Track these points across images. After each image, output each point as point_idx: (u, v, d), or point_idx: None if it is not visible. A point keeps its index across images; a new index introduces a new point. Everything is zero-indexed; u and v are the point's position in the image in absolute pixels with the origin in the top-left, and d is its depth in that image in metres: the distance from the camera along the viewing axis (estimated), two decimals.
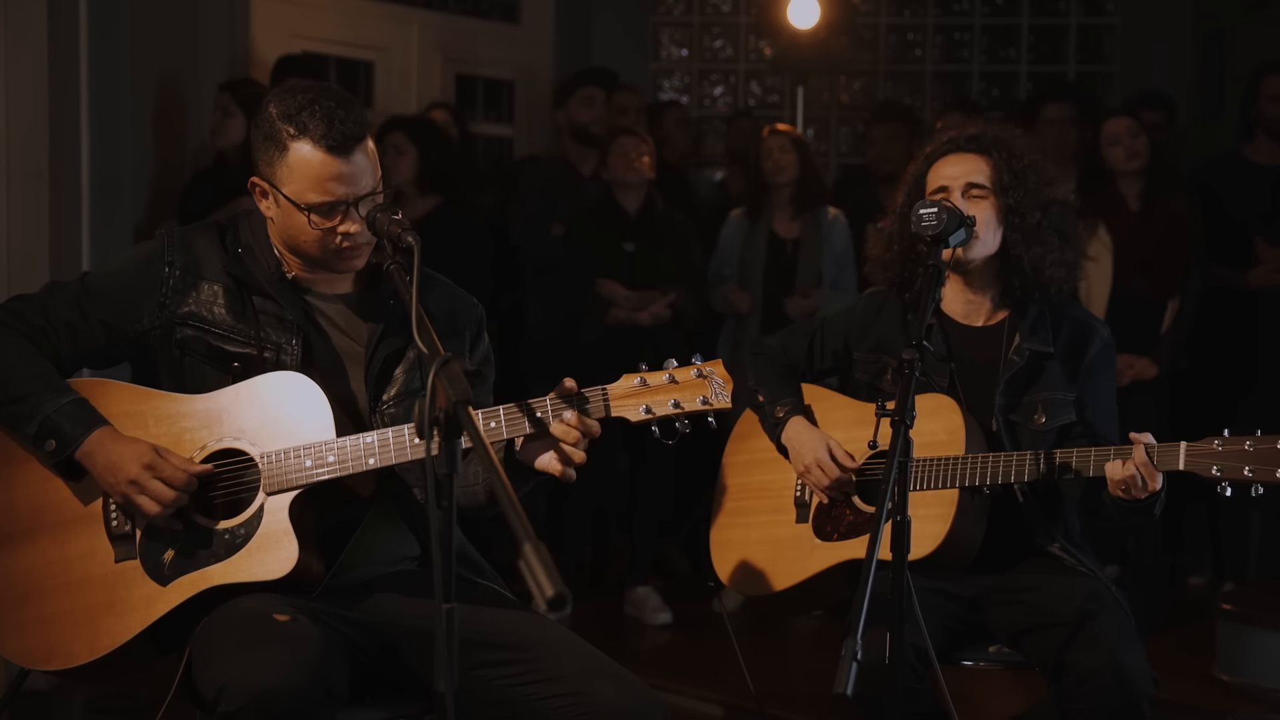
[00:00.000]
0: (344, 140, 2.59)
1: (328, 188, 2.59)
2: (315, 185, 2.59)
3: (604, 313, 5.47)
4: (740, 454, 3.49)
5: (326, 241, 2.63)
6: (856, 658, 2.29)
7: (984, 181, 3.18)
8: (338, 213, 2.61)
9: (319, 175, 2.59)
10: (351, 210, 2.61)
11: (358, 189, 2.61)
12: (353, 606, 2.65)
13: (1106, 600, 3.03)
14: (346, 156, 2.59)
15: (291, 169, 2.60)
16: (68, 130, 4.98)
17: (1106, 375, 3.26)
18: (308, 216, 2.60)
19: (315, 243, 2.64)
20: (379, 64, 6.99)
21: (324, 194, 2.59)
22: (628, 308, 5.48)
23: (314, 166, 2.59)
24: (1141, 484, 2.85)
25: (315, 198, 2.60)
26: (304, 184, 2.60)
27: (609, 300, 5.47)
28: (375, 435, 2.57)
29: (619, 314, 5.48)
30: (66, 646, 2.59)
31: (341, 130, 2.58)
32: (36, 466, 2.64)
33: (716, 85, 8.30)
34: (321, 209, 2.60)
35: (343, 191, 2.60)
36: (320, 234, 2.62)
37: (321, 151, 2.58)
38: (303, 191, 2.60)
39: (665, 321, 5.50)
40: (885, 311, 3.34)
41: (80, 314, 2.69)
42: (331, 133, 2.58)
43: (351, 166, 2.60)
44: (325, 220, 2.61)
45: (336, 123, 2.58)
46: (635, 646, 5.19)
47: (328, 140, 2.58)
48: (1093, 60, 7.98)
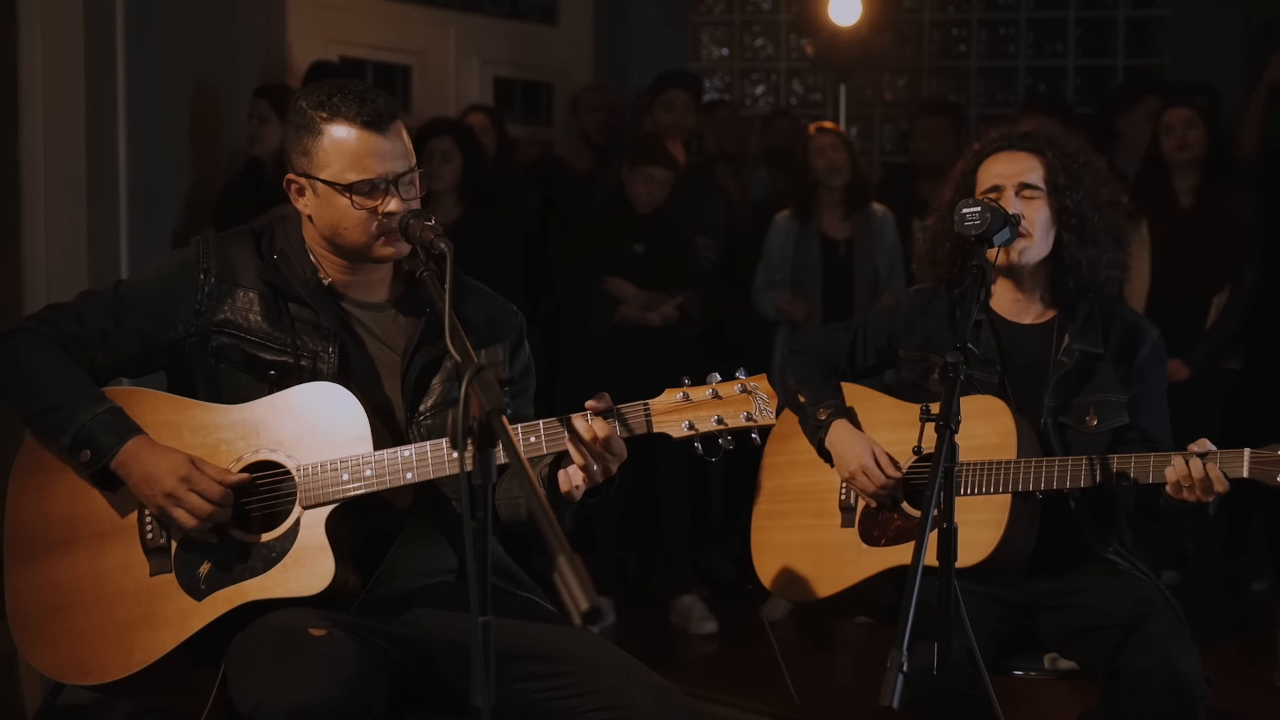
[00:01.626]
0: (378, 116, 2.60)
1: (367, 165, 2.60)
2: (354, 163, 2.60)
3: (612, 311, 5.45)
4: (780, 455, 3.45)
5: (369, 224, 2.62)
6: (902, 670, 2.26)
7: (1038, 182, 3.14)
8: (379, 192, 2.61)
9: (357, 152, 2.59)
10: (391, 189, 2.61)
11: (395, 167, 2.62)
12: (390, 620, 2.63)
13: (1158, 603, 2.99)
14: (383, 132, 2.61)
15: (328, 152, 2.61)
16: (105, 139, 5.02)
17: (1158, 377, 3.21)
18: (350, 198, 2.60)
19: (359, 226, 2.63)
20: (416, 68, 7.00)
21: (363, 171, 2.60)
22: (637, 307, 5.46)
23: (351, 144, 2.59)
24: (1206, 488, 2.80)
25: (355, 176, 2.60)
26: (343, 164, 2.60)
27: (617, 299, 5.46)
28: (414, 449, 2.56)
29: (628, 313, 5.46)
30: (100, 661, 2.59)
31: (375, 108, 2.61)
32: (72, 477, 2.65)
33: (758, 84, 8.27)
34: (362, 187, 2.60)
35: (382, 168, 2.60)
36: (364, 216, 2.61)
37: (358, 128, 2.60)
38: (342, 172, 2.60)
39: (673, 322, 5.48)
40: (932, 308, 3.30)
41: (114, 322, 2.69)
42: (365, 110, 2.60)
43: (388, 143, 2.61)
44: (367, 200, 2.61)
45: (369, 101, 2.61)
46: (681, 656, 5.17)
47: (363, 116, 2.60)
48: (1142, 54, 7.88)
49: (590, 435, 2.48)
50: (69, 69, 4.89)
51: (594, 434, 2.48)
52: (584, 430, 2.49)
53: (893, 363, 3.37)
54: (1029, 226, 3.10)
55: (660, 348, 5.43)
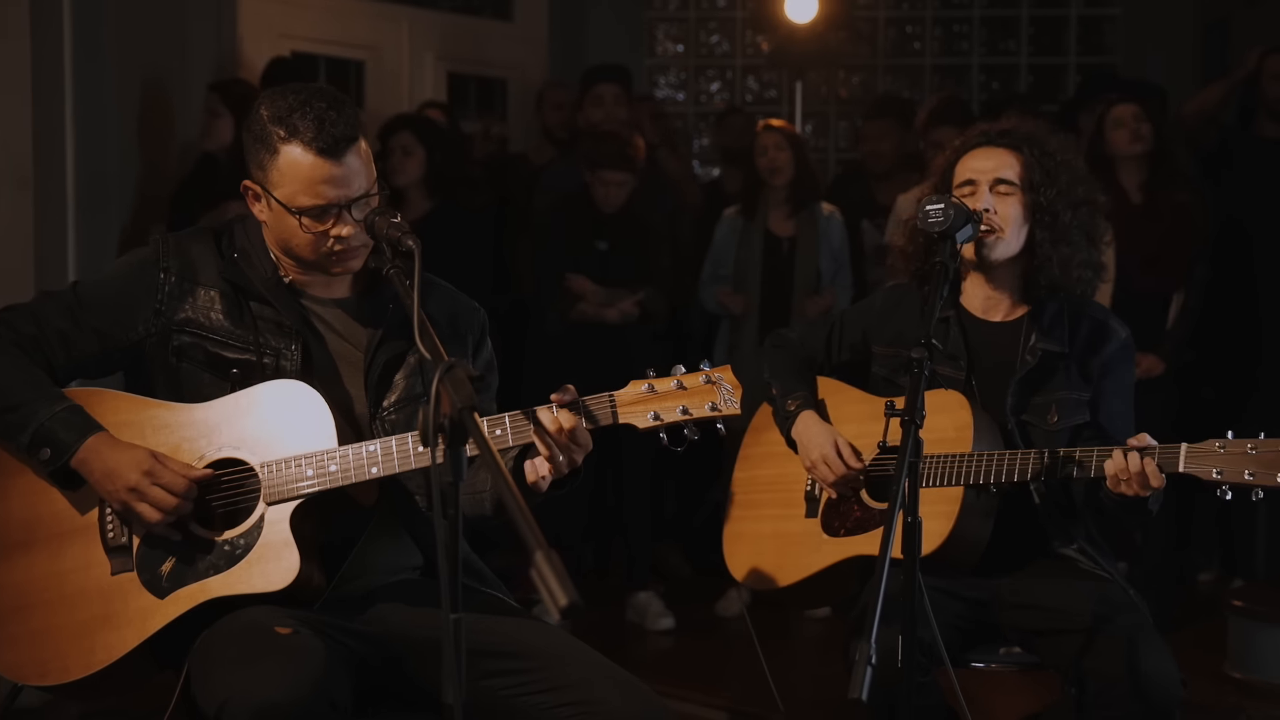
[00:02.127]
0: (335, 142, 2.57)
1: (319, 191, 2.58)
2: (306, 188, 2.58)
3: (570, 307, 5.46)
4: (755, 446, 3.50)
5: (319, 245, 2.62)
6: (871, 662, 2.28)
7: (1013, 178, 3.16)
8: (330, 216, 2.60)
9: (310, 178, 2.58)
10: (344, 213, 2.60)
11: (350, 191, 2.60)
12: (355, 618, 2.63)
13: (1123, 603, 3.02)
14: (338, 159, 2.58)
15: (283, 172, 2.59)
16: (52, 136, 4.97)
17: (1122, 376, 3.23)
18: (299, 220, 2.59)
19: (308, 246, 2.63)
20: (370, 64, 6.98)
21: (315, 197, 2.58)
22: (596, 304, 5.48)
23: (304, 169, 2.58)
24: (1142, 482, 2.84)
25: (307, 201, 2.58)
26: (295, 187, 2.59)
27: (577, 295, 5.47)
28: (379, 444, 2.56)
29: (587, 309, 5.48)
30: (61, 661, 2.57)
31: (332, 132, 2.57)
32: (31, 477, 2.63)
33: (713, 81, 8.30)
34: (313, 212, 2.59)
35: (334, 194, 2.59)
36: (313, 237, 2.61)
37: (312, 154, 2.57)
38: (294, 195, 2.59)
39: (632, 320, 5.50)
40: (905, 305, 3.33)
41: (73, 322, 2.67)
42: (322, 135, 2.57)
43: (343, 169, 2.59)
44: (317, 224, 2.60)
45: (327, 124, 2.57)
46: (638, 653, 5.18)
47: (318, 143, 2.57)
48: (1094, 52, 7.98)
49: (556, 427, 2.49)
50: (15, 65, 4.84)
51: (560, 425, 2.49)
52: (550, 422, 2.49)
53: (866, 357, 3.40)
54: (1001, 222, 3.13)
55: (619, 345, 5.45)
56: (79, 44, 5.02)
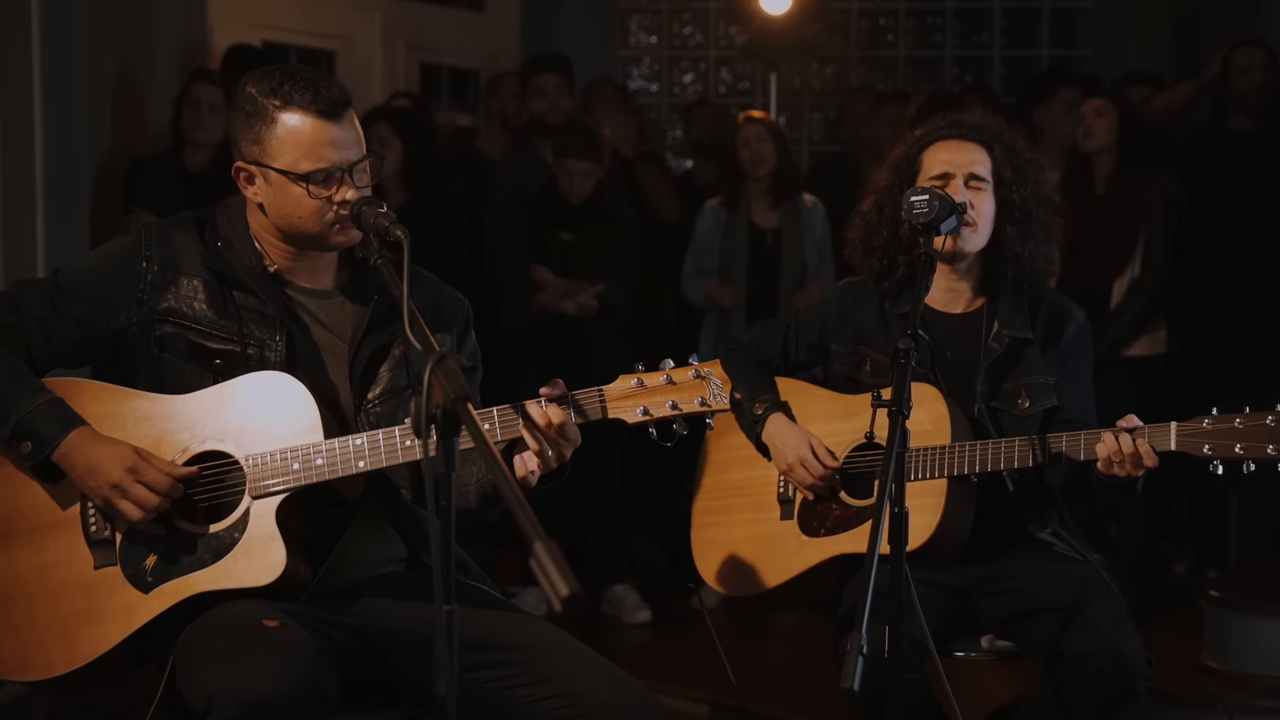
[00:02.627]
0: (333, 105, 2.59)
1: (321, 153, 2.58)
2: (309, 152, 2.58)
3: (531, 297, 5.46)
4: (718, 451, 3.48)
5: (324, 214, 2.61)
6: (862, 652, 2.29)
7: (985, 174, 3.20)
8: (334, 181, 2.60)
9: (312, 141, 2.58)
10: (346, 177, 2.60)
11: (350, 155, 2.60)
12: (340, 611, 2.63)
13: (1097, 585, 3.06)
14: (337, 121, 2.59)
15: (282, 140, 2.59)
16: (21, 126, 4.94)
17: (1082, 358, 3.30)
18: (305, 188, 2.58)
19: (313, 215, 2.61)
20: (340, 53, 6.95)
21: (318, 160, 2.58)
22: (555, 294, 5.47)
23: (305, 133, 2.58)
24: (1135, 463, 2.88)
25: (309, 165, 2.58)
26: (297, 152, 2.58)
27: (538, 285, 5.47)
28: (365, 437, 2.55)
29: (545, 299, 5.47)
30: (44, 656, 2.56)
31: (328, 95, 2.59)
32: (11, 470, 2.60)
33: (687, 73, 8.30)
34: (317, 176, 2.58)
35: (337, 157, 2.59)
36: (318, 204, 2.60)
37: (312, 117, 2.58)
38: (296, 161, 2.58)
39: (591, 312, 5.49)
40: (861, 302, 3.34)
41: (54, 311, 2.65)
42: (319, 98, 2.58)
43: (343, 131, 2.60)
44: (322, 189, 2.59)
45: (322, 89, 2.59)
46: (615, 646, 5.18)
47: (317, 104, 2.58)
48: (1066, 45, 8.03)
49: (545, 422, 2.49)
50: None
51: (549, 421, 2.50)
52: (539, 417, 2.50)
53: (825, 357, 3.41)
54: (975, 216, 3.16)
55: (579, 338, 5.43)
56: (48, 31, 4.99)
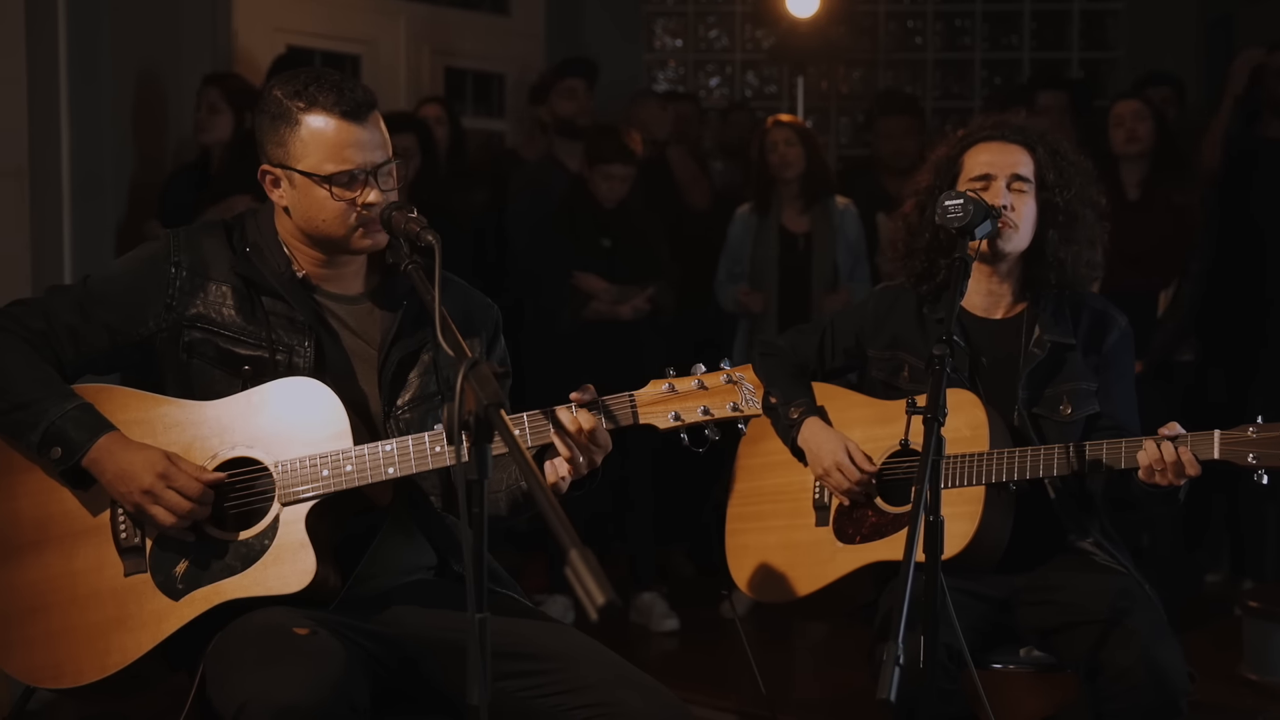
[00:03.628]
0: (357, 106, 2.60)
1: (346, 155, 2.59)
2: (333, 154, 2.59)
3: (582, 307, 5.46)
4: (753, 457, 3.47)
5: (348, 215, 2.61)
6: (899, 662, 2.28)
7: (1028, 175, 3.18)
8: (358, 183, 2.60)
9: (336, 143, 2.58)
10: (370, 180, 2.60)
11: (374, 157, 2.61)
12: (370, 618, 2.63)
13: (1138, 596, 3.04)
14: (361, 122, 2.60)
15: (306, 142, 2.60)
16: (48, 127, 4.96)
17: (1125, 365, 3.27)
18: (329, 190, 2.59)
19: (337, 218, 2.62)
20: (366, 58, 6.96)
21: (342, 162, 2.59)
22: (608, 301, 5.48)
23: (329, 135, 2.59)
24: (1178, 471, 2.87)
25: (333, 167, 2.59)
26: (321, 154, 2.59)
27: (587, 294, 5.47)
28: (395, 444, 2.55)
29: (599, 308, 5.48)
30: (74, 664, 2.56)
31: (353, 97, 2.60)
32: (41, 476, 2.62)
33: (713, 76, 8.29)
34: (341, 179, 2.59)
35: (361, 159, 2.59)
36: (342, 207, 2.60)
37: (336, 118, 2.59)
38: (320, 163, 2.59)
39: (644, 315, 5.50)
40: (899, 307, 3.33)
41: (83, 317, 2.66)
42: (344, 99, 2.59)
43: (367, 133, 2.61)
44: (346, 191, 2.60)
45: (347, 91, 2.60)
46: (642, 654, 5.17)
47: (341, 106, 2.59)
48: (1097, 47, 8.00)
49: (576, 428, 2.49)
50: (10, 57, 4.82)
51: (580, 426, 2.49)
52: (569, 423, 2.49)
53: (862, 362, 3.40)
54: (1016, 219, 3.14)
55: (631, 341, 5.45)
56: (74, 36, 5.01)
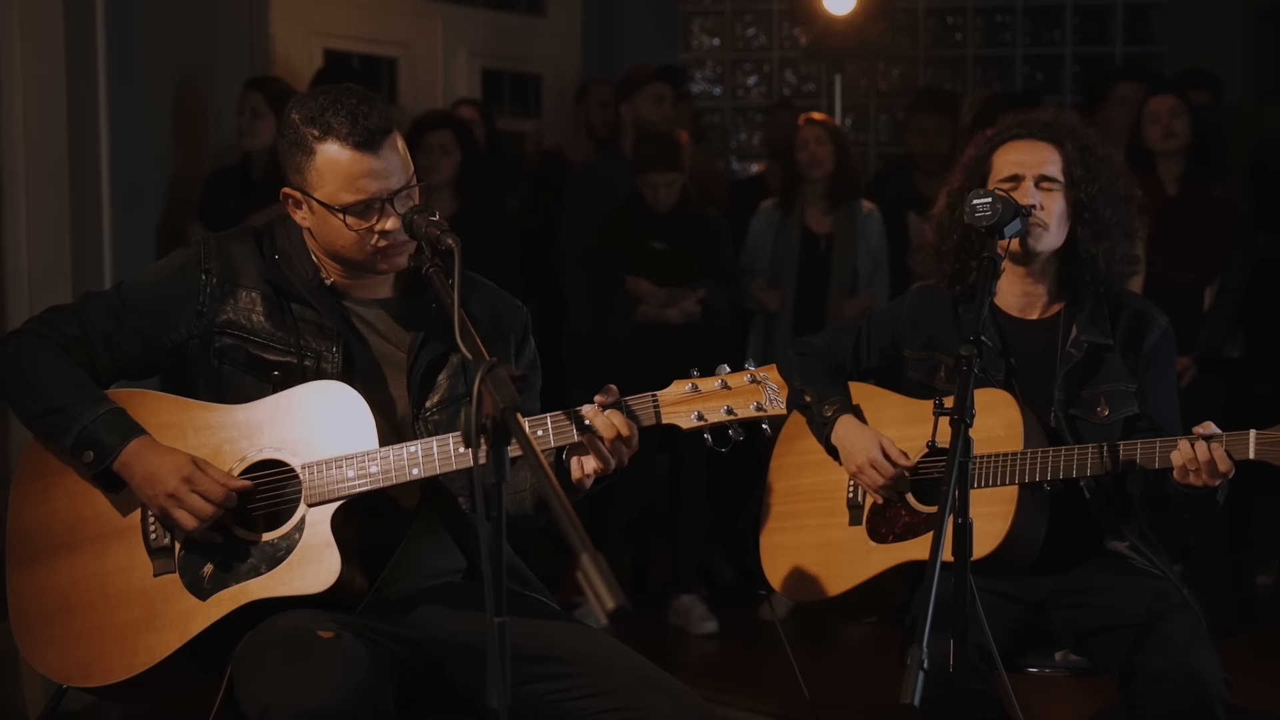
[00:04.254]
0: (370, 135, 2.60)
1: (360, 185, 2.60)
2: (347, 185, 2.60)
3: (633, 310, 5.48)
4: (789, 456, 3.48)
5: (365, 243, 2.63)
6: (923, 667, 2.28)
7: (1056, 174, 3.16)
8: (373, 211, 2.61)
9: (350, 174, 2.59)
10: (387, 207, 2.61)
11: (390, 184, 2.62)
12: (397, 621, 2.65)
13: (1176, 601, 3.01)
14: (375, 152, 2.60)
15: (321, 172, 2.61)
16: (87, 135, 5.02)
17: (1166, 365, 3.25)
18: (343, 219, 2.61)
19: (354, 245, 2.64)
20: (403, 61, 7.00)
21: (357, 193, 2.60)
22: (657, 304, 5.49)
23: (343, 165, 2.59)
24: (1211, 471, 2.84)
25: (349, 198, 2.60)
26: (336, 185, 2.61)
27: (638, 298, 5.48)
28: (419, 445, 2.58)
29: (649, 311, 5.49)
30: (104, 663, 2.60)
31: (367, 126, 2.60)
32: (74, 478, 2.66)
33: (750, 75, 8.28)
34: (356, 209, 2.60)
35: (375, 188, 2.60)
36: (358, 236, 2.62)
37: (350, 149, 2.59)
38: (335, 193, 2.61)
39: (695, 318, 5.51)
40: (934, 306, 3.32)
41: (117, 324, 2.71)
42: (357, 129, 2.59)
43: (381, 162, 2.61)
44: (361, 221, 2.61)
45: (361, 119, 2.60)
46: (681, 657, 5.18)
47: (354, 137, 2.59)
48: (1141, 41, 7.92)
49: (613, 433, 2.49)
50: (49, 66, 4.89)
51: (616, 431, 2.49)
52: (604, 427, 2.49)
53: (897, 362, 3.40)
54: (1045, 217, 3.13)
55: (682, 344, 5.45)
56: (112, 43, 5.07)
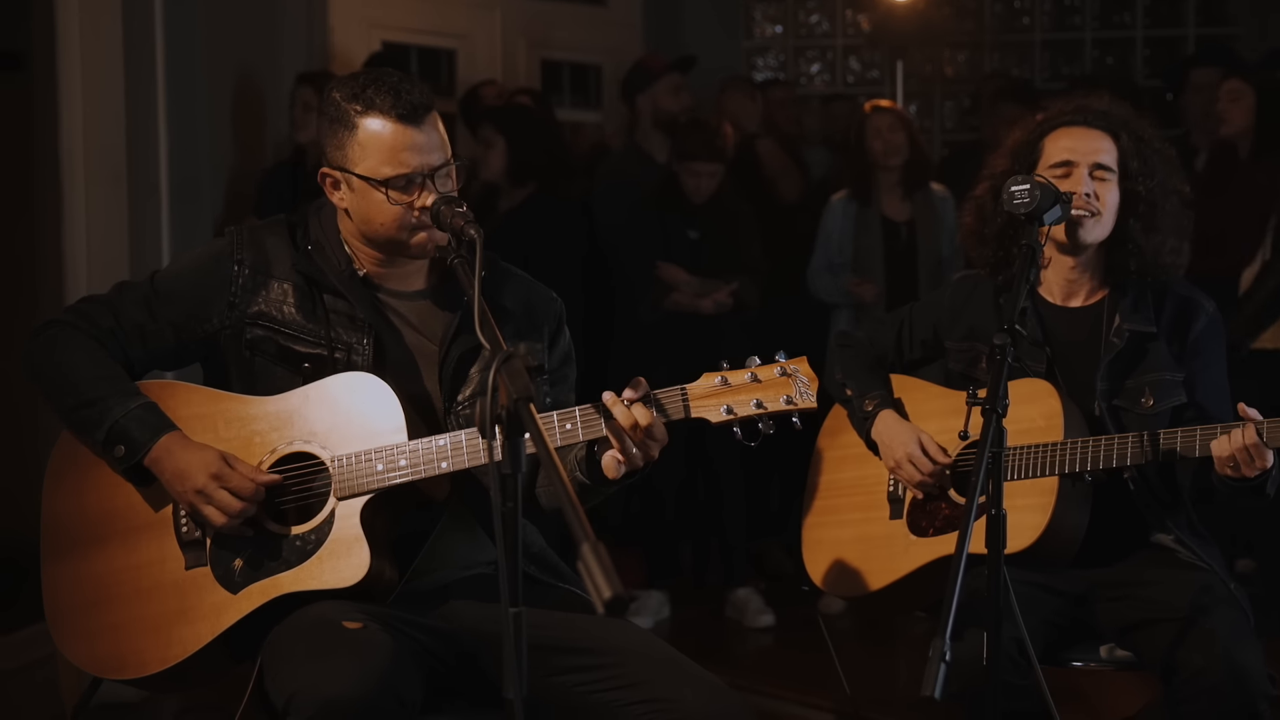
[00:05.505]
0: (413, 109, 2.63)
1: (402, 158, 2.62)
2: (389, 157, 2.62)
3: (664, 297, 5.48)
4: (831, 449, 3.47)
5: (405, 220, 2.65)
6: (945, 659, 2.26)
7: (1111, 163, 3.13)
8: (415, 187, 2.63)
9: (392, 146, 2.62)
10: (428, 183, 2.63)
11: (432, 160, 2.64)
12: (428, 613, 2.67)
13: (1221, 595, 2.98)
14: (418, 125, 2.63)
15: (363, 146, 2.64)
16: (145, 131, 5.10)
17: (1215, 353, 3.19)
18: (385, 193, 2.63)
19: (394, 222, 2.65)
20: (461, 52, 7.05)
21: (399, 165, 2.62)
22: (690, 294, 5.49)
23: (386, 138, 2.62)
24: (1250, 460, 2.80)
25: (390, 170, 2.62)
26: (378, 158, 2.63)
27: (670, 285, 5.49)
28: (448, 438, 2.59)
29: (681, 299, 5.49)
30: (138, 655, 2.65)
31: (409, 99, 2.63)
32: (106, 471, 2.70)
33: (813, 62, 8.25)
34: (398, 182, 2.62)
35: (417, 162, 2.62)
36: (399, 212, 2.64)
37: (392, 122, 2.62)
38: (377, 166, 2.63)
39: (726, 310, 5.50)
40: (976, 296, 3.30)
41: (150, 315, 2.74)
42: (400, 102, 2.62)
43: (424, 136, 2.63)
44: (403, 195, 2.63)
45: (403, 93, 2.63)
46: (737, 651, 5.18)
47: (397, 109, 2.62)
48: (1215, 23, 7.79)
49: (631, 423, 2.50)
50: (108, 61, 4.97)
51: (635, 422, 2.50)
52: (624, 418, 2.50)
53: (939, 353, 3.38)
54: (1099, 206, 3.09)
55: (713, 335, 5.46)
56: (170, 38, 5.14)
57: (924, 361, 3.43)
